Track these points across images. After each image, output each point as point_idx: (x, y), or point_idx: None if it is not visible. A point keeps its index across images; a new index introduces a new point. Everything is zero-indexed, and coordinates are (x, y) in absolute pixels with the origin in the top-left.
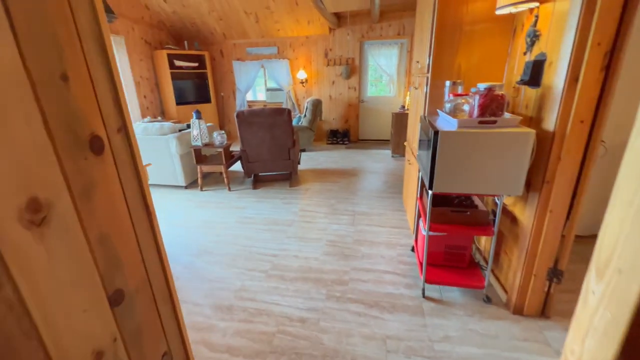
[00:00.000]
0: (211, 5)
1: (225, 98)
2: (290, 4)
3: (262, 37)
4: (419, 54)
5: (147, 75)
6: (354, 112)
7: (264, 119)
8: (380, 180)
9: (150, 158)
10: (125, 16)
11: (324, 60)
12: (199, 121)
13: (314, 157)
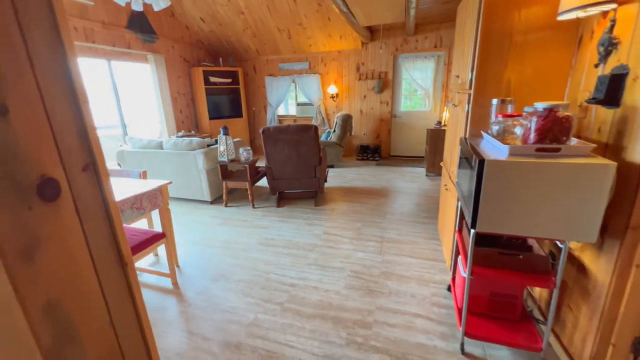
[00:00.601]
0: (246, 23)
1: (257, 112)
2: (322, 19)
3: (294, 53)
4: (458, 67)
5: (184, 91)
6: (385, 127)
7: (290, 136)
8: (412, 202)
9: (179, 173)
10: (166, 36)
11: (356, 74)
12: (226, 137)
13: (342, 173)
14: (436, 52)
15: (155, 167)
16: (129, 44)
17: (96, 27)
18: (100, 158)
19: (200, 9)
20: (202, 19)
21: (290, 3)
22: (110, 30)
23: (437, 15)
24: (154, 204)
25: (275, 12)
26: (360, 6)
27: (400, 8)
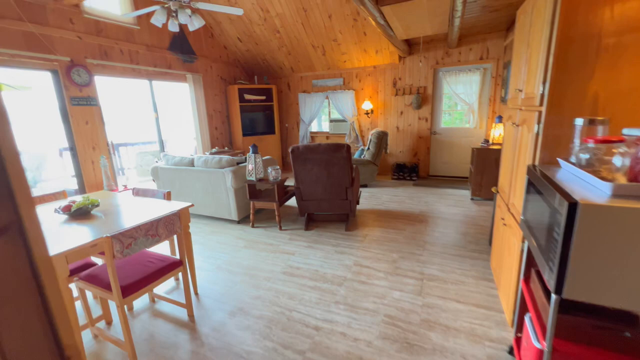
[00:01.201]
0: (281, 41)
1: (289, 129)
2: (358, 34)
3: (328, 69)
4: (520, 79)
5: (220, 109)
6: (424, 144)
7: (320, 156)
8: (457, 230)
9: (208, 191)
10: (205, 56)
11: (392, 89)
12: (255, 155)
13: (376, 194)
14: (482, 65)
15: (186, 184)
16: (170, 64)
17: (140, 50)
18: (30, 215)
19: (238, 29)
20: (239, 39)
21: (325, 20)
22: (153, 52)
23: (483, 24)
24: (171, 230)
25: (310, 29)
26: (399, 18)
27: (443, 18)
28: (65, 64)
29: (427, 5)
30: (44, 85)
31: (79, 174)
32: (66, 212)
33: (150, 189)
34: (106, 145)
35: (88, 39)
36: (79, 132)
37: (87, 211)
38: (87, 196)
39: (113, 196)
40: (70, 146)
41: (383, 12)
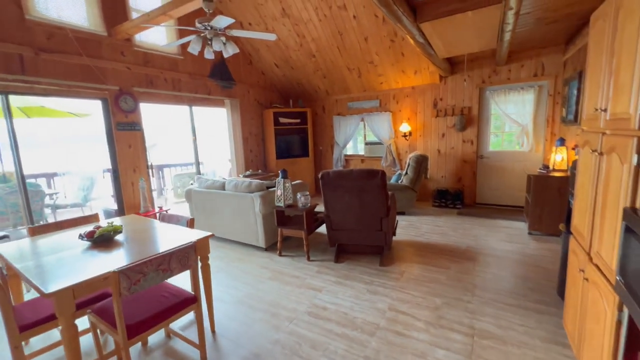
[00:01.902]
0: (316, 65)
1: (324, 152)
2: (395, 55)
3: (364, 91)
4: (601, 95)
5: (256, 132)
6: (469, 169)
7: (352, 183)
8: (514, 273)
9: (237, 215)
10: (243, 82)
11: (433, 111)
12: (284, 180)
13: (415, 223)
14: (536, 82)
15: (217, 208)
16: (210, 90)
17: (183, 78)
18: None
19: (275, 55)
20: (276, 65)
21: (360, 42)
22: (194, 79)
23: (537, 38)
24: (185, 264)
25: (345, 52)
26: (439, 36)
27: (491, 34)
28: (115, 92)
29: (472, 19)
30: (96, 111)
31: (119, 194)
32: (89, 239)
33: (175, 215)
34: (146, 168)
35: (136, 69)
36: (122, 155)
37: (110, 238)
38: (112, 222)
39: (140, 221)
40: (113, 168)
41: (422, 29)
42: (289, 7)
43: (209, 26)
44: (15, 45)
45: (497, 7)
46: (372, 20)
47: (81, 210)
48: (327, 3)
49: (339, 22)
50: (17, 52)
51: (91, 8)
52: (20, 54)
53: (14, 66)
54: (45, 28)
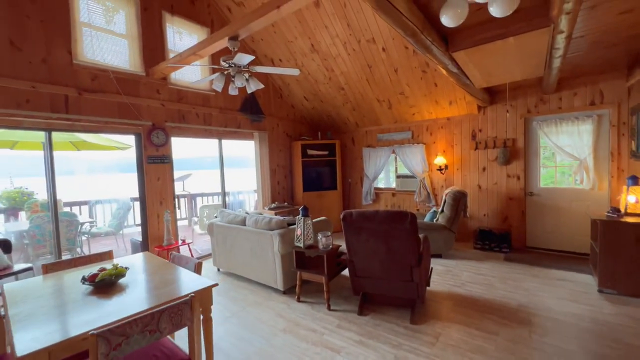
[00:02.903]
0: (345, 97)
1: (353, 184)
2: (427, 86)
3: (394, 123)
4: None
5: (284, 164)
6: (517, 207)
7: (377, 226)
8: (585, 349)
9: (257, 253)
10: (273, 115)
11: (471, 143)
12: (305, 219)
13: (453, 269)
14: (594, 111)
15: (237, 244)
16: (239, 124)
17: (214, 112)
18: None
19: (305, 88)
20: (305, 98)
21: (390, 74)
22: (225, 113)
23: (593, 63)
24: (177, 323)
25: (375, 85)
26: (476, 65)
27: (538, 61)
28: (148, 127)
29: (515, 46)
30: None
31: (144, 226)
32: (91, 283)
33: (185, 257)
34: (172, 200)
35: (169, 105)
36: (150, 187)
37: (111, 282)
38: (116, 264)
39: (151, 261)
40: (140, 200)
41: (455, 58)
42: (317, 43)
43: (232, 64)
44: (63, 87)
45: (544, 31)
46: (402, 52)
47: (115, 238)
48: (356, 37)
49: (368, 55)
50: (64, 93)
51: (134, 52)
52: (66, 94)
53: (59, 106)
54: (90, 71)
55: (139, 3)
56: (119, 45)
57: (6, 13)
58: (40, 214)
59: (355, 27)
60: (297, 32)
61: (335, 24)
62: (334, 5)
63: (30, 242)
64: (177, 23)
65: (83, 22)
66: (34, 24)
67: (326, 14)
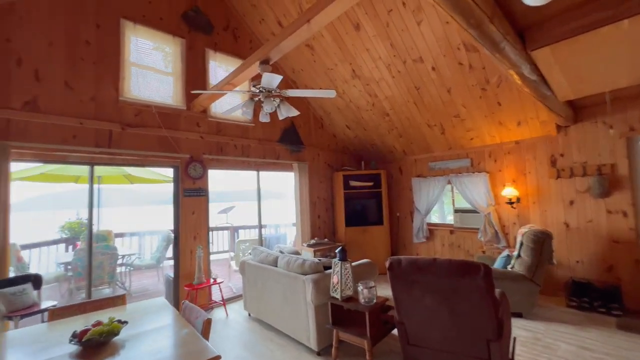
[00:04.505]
0: (391, 124)
1: (401, 219)
2: (488, 105)
3: (448, 149)
4: None
5: (325, 196)
6: (627, 254)
7: (436, 280)
8: None
9: (288, 300)
10: (313, 145)
11: (550, 170)
12: (342, 264)
13: (542, 335)
14: None
15: (268, 286)
16: (278, 155)
17: (252, 144)
18: None
19: (346, 117)
20: (347, 126)
21: (442, 95)
22: (263, 145)
23: None
24: None
25: (424, 108)
26: (564, 66)
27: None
28: (186, 160)
29: (628, 34)
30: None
31: (177, 261)
32: (78, 342)
33: (196, 309)
34: (206, 235)
35: (208, 138)
36: (184, 222)
37: (101, 342)
38: (112, 318)
39: (159, 311)
40: (175, 235)
41: (535, 60)
42: (359, 68)
43: (262, 88)
44: (108, 122)
45: None
46: (455, 69)
47: (156, 272)
48: (401, 58)
49: (415, 76)
50: (108, 129)
51: (177, 87)
52: (110, 129)
53: (102, 140)
54: (134, 107)
55: (184, 42)
56: (163, 82)
57: (64, 56)
58: (83, 246)
59: (400, 47)
60: (337, 59)
61: (377, 45)
62: (375, 26)
63: (73, 274)
64: (220, 59)
65: (132, 61)
66: (87, 65)
67: (367, 36)
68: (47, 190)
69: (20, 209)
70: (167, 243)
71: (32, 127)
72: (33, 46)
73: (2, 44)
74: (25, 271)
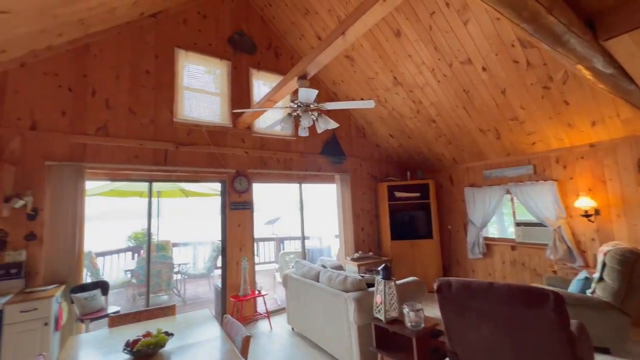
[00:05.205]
0: (438, 131)
1: (453, 233)
2: (553, 105)
3: (506, 155)
4: None
5: (368, 208)
6: None
7: (495, 307)
8: None
9: (330, 317)
10: (356, 156)
11: (638, 176)
12: (386, 282)
13: None
14: None
15: (309, 301)
16: (320, 167)
17: (294, 157)
18: None
19: (389, 125)
20: (390, 135)
21: (496, 97)
22: (305, 157)
23: None
24: None
25: (476, 112)
26: None
27: None
28: (232, 175)
29: None
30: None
31: (224, 272)
32: (130, 351)
33: (237, 325)
34: (251, 247)
35: (252, 153)
36: (231, 234)
37: (148, 354)
38: (160, 330)
39: (204, 324)
40: (222, 247)
41: (610, 50)
42: (401, 75)
43: (300, 103)
44: (164, 142)
45: None
46: (510, 68)
47: (207, 280)
48: (447, 61)
49: (464, 79)
50: (164, 148)
51: (224, 106)
52: (166, 149)
53: (159, 159)
54: (186, 127)
55: (230, 64)
56: (212, 102)
57: (129, 86)
58: (145, 255)
59: (445, 50)
60: (378, 67)
61: (420, 50)
62: (417, 30)
63: (136, 281)
64: (262, 77)
65: (184, 85)
66: (147, 92)
67: (408, 42)
68: (118, 205)
69: (95, 221)
70: (217, 253)
71: (102, 150)
72: (104, 79)
73: (80, 79)
74: (99, 277)
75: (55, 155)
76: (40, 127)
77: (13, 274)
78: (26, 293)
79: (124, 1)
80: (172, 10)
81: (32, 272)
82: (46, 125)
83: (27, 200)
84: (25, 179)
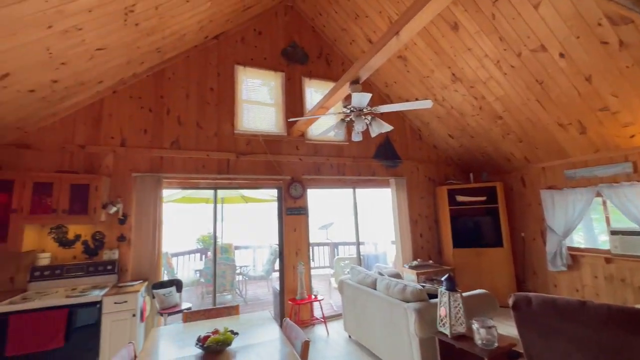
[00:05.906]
0: (506, 128)
1: (527, 241)
2: None
3: (594, 152)
4: None
5: (427, 213)
6: None
7: (591, 332)
8: None
9: (388, 327)
10: (411, 159)
11: None
12: (450, 294)
13: None
14: None
15: (366, 309)
16: (374, 171)
17: (347, 162)
18: None
19: (448, 125)
20: (450, 135)
21: (579, 85)
22: (358, 162)
23: None
24: None
25: (552, 105)
26: None
27: None
28: (287, 181)
29: None
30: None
31: (282, 275)
32: (202, 347)
33: (296, 329)
34: (307, 251)
35: (306, 159)
36: (287, 238)
37: (217, 350)
38: (227, 328)
39: (264, 325)
40: (279, 251)
41: None
42: (460, 71)
43: (353, 108)
44: (226, 152)
45: None
46: (596, 51)
47: (266, 282)
48: (514, 51)
49: (536, 69)
50: (226, 158)
51: (279, 116)
52: (228, 158)
53: (222, 168)
54: (245, 137)
55: (284, 75)
56: (268, 113)
57: (196, 103)
58: (211, 256)
59: (512, 39)
60: (433, 65)
61: (482, 42)
62: (478, 21)
63: (204, 281)
64: (315, 85)
65: (243, 99)
66: (211, 108)
67: (468, 34)
68: (188, 210)
69: (169, 224)
70: (274, 257)
71: (176, 161)
72: (176, 98)
73: (158, 100)
74: (174, 276)
75: (139, 167)
76: (128, 143)
77: (109, 270)
78: (118, 287)
79: (192, 28)
80: (232, 31)
81: (123, 269)
82: (132, 141)
83: (118, 207)
84: (117, 189)
